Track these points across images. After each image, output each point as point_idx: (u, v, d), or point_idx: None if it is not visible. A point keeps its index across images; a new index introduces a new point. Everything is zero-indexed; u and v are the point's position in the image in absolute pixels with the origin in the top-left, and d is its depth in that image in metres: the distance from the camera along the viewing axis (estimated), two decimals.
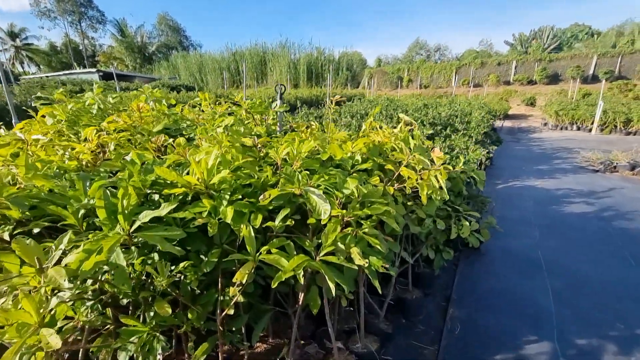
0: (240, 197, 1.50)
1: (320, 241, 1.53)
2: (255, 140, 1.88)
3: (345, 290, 1.91)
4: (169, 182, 1.44)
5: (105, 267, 1.10)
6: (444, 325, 2.43)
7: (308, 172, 1.61)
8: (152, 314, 1.42)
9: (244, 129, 2.14)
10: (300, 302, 1.68)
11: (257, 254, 1.34)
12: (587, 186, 5.76)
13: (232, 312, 1.53)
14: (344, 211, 1.51)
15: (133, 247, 1.30)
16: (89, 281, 1.26)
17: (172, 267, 1.39)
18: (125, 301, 1.44)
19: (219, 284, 1.55)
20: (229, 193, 1.47)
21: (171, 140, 1.95)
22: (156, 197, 1.44)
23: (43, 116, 2.21)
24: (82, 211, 1.25)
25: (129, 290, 1.27)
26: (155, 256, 1.36)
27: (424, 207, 2.18)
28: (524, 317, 2.49)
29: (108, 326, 1.44)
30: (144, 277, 1.42)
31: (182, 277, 1.50)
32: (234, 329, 1.70)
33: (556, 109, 14.22)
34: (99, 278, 1.26)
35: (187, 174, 1.44)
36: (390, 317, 2.38)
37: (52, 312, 1.08)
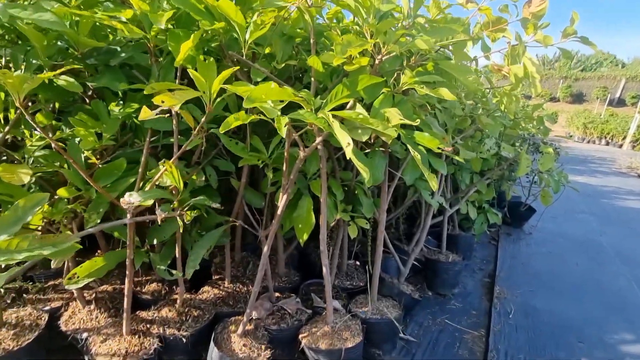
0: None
1: (324, 101, 0.80)
2: None
3: (364, 205, 1.15)
4: None
5: None
6: (491, 306, 1.66)
7: None
8: None
9: None
10: (281, 208, 0.92)
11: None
12: (637, 188, 4.92)
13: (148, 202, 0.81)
14: (379, 40, 0.77)
15: None
16: None
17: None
18: None
19: (144, 159, 0.81)
20: None
21: None
22: None
23: None
24: None
25: None
26: None
27: (488, 118, 1.42)
28: (611, 309, 1.71)
29: None
30: None
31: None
32: (158, 246, 0.95)
33: (584, 122, 13.30)
34: None
35: None
36: (413, 280, 1.61)
37: None
